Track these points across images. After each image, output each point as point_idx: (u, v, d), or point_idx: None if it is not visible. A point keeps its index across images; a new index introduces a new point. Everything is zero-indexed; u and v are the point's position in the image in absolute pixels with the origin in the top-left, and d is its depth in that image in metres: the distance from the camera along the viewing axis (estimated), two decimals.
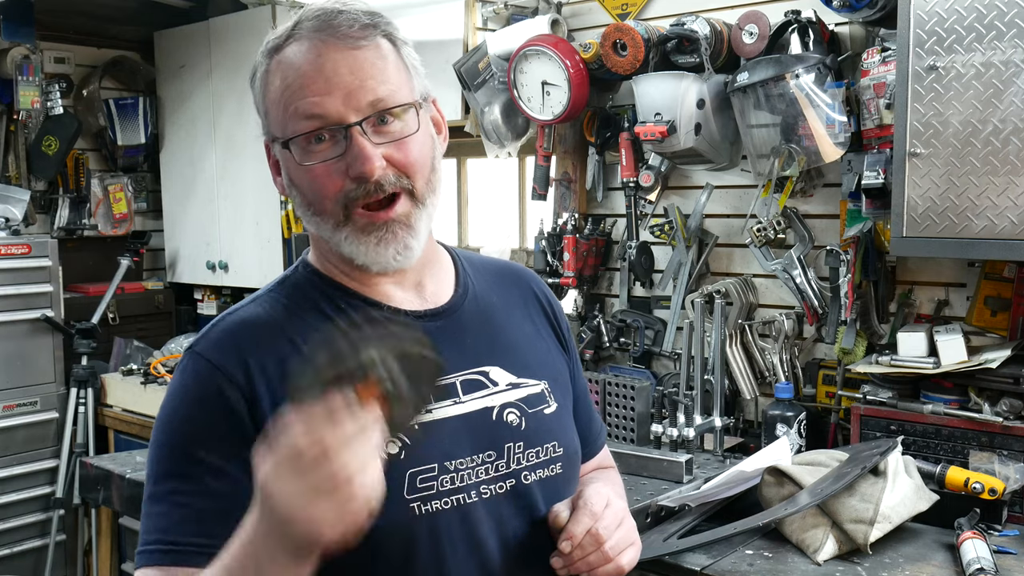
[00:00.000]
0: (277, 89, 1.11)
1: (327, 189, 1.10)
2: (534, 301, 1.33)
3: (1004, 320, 2.41)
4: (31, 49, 3.96)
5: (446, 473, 1.10)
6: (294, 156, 1.11)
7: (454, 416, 1.13)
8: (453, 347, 1.16)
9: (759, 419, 2.76)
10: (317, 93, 1.07)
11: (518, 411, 1.19)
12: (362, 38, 1.09)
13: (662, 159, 2.90)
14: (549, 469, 1.20)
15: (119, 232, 4.43)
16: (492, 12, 3.25)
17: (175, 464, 1.08)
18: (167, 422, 1.10)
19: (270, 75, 1.13)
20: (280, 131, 1.12)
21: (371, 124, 1.09)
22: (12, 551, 3.78)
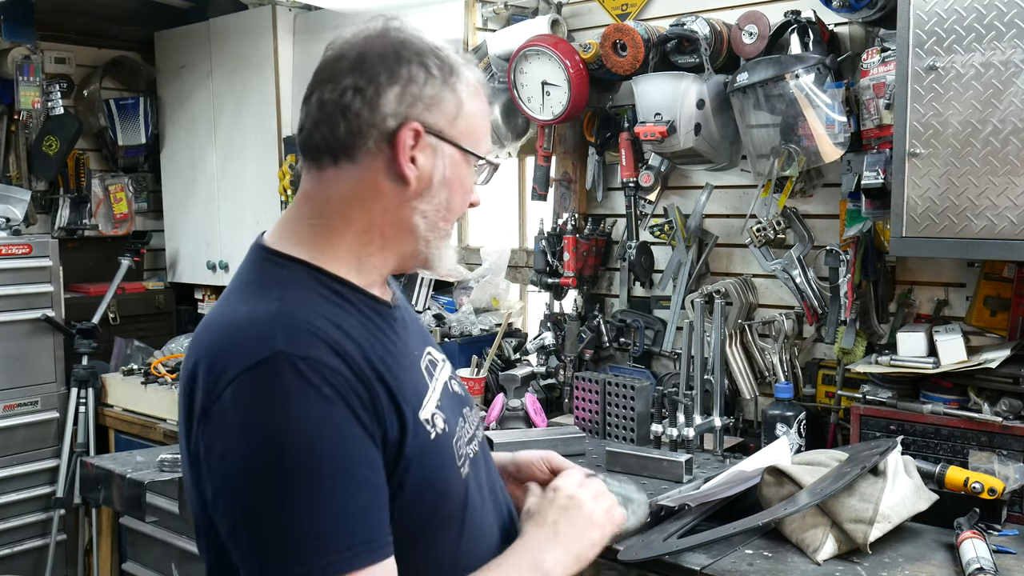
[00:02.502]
0: (478, 111, 1.22)
1: (466, 204, 1.26)
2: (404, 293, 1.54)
3: (1004, 320, 2.42)
4: (32, 49, 3.97)
5: (458, 439, 1.24)
6: (469, 169, 1.23)
7: (439, 392, 1.25)
8: (411, 333, 1.27)
9: (759, 419, 2.76)
10: (488, 138, 1.26)
11: (456, 381, 1.34)
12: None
13: (662, 159, 2.91)
14: (480, 422, 1.38)
15: (120, 232, 4.44)
16: (492, 12, 3.25)
17: (335, 468, 1.05)
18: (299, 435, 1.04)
19: (476, 91, 1.23)
20: (472, 142, 1.21)
21: None
22: (12, 551, 3.79)
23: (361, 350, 1.12)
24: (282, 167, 3.82)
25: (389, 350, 1.17)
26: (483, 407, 3.00)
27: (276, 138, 3.87)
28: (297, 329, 1.08)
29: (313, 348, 1.07)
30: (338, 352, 1.09)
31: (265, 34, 3.86)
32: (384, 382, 1.12)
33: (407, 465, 1.12)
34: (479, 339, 3.29)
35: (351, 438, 1.07)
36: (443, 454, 1.19)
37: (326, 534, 1.03)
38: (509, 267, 3.60)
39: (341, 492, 1.04)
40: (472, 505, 1.24)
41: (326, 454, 1.04)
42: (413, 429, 1.13)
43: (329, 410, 1.05)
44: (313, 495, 1.03)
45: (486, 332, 3.32)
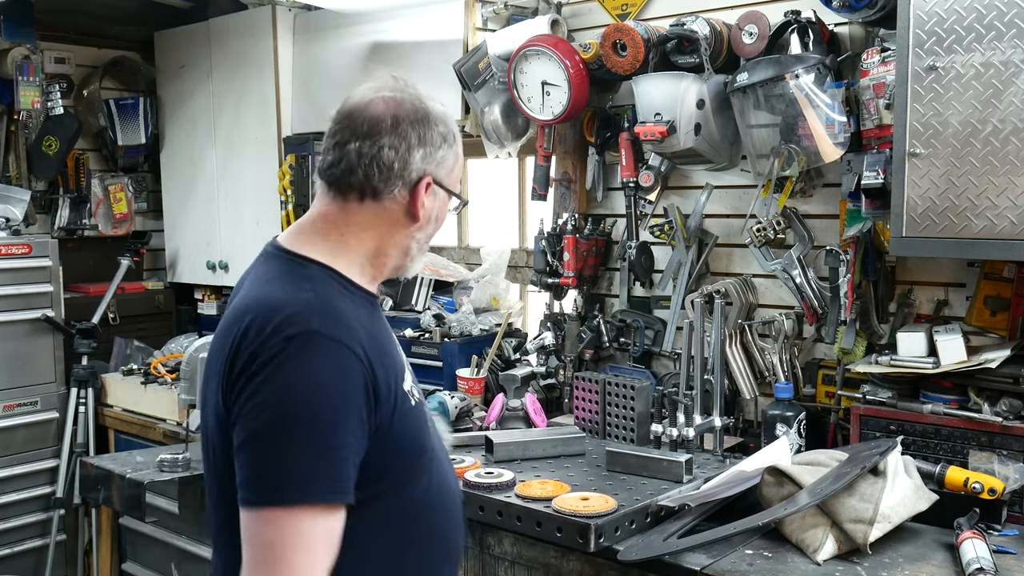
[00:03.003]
0: (459, 163, 1.61)
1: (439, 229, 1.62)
2: None
3: (1004, 320, 2.42)
4: (31, 49, 3.97)
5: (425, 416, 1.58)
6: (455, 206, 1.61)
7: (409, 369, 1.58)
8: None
9: (759, 419, 2.76)
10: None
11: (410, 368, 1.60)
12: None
13: (662, 159, 2.91)
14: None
15: (119, 232, 4.44)
16: (492, 12, 3.26)
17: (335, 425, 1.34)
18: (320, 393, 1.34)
19: (459, 148, 1.60)
20: (454, 184, 1.60)
21: None
22: (12, 551, 3.78)
23: (367, 336, 1.41)
24: (282, 167, 3.82)
25: (382, 334, 1.49)
26: (483, 407, 3.00)
27: (276, 138, 3.87)
28: (327, 316, 1.38)
29: (339, 333, 1.37)
30: (354, 336, 1.38)
31: (265, 34, 3.86)
32: (381, 362, 1.41)
33: (400, 421, 1.45)
34: (479, 339, 3.29)
35: (360, 404, 1.37)
36: (420, 418, 1.53)
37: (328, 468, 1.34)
38: (509, 267, 3.60)
39: (342, 443, 1.35)
40: (439, 458, 1.57)
41: (342, 412, 1.35)
42: (401, 397, 1.45)
43: (347, 381, 1.36)
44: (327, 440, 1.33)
45: (486, 332, 3.32)
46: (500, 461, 2.45)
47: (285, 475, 1.32)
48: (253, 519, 1.33)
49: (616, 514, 2.03)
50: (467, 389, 3.09)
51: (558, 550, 2.09)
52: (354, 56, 3.61)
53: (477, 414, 2.91)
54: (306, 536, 1.33)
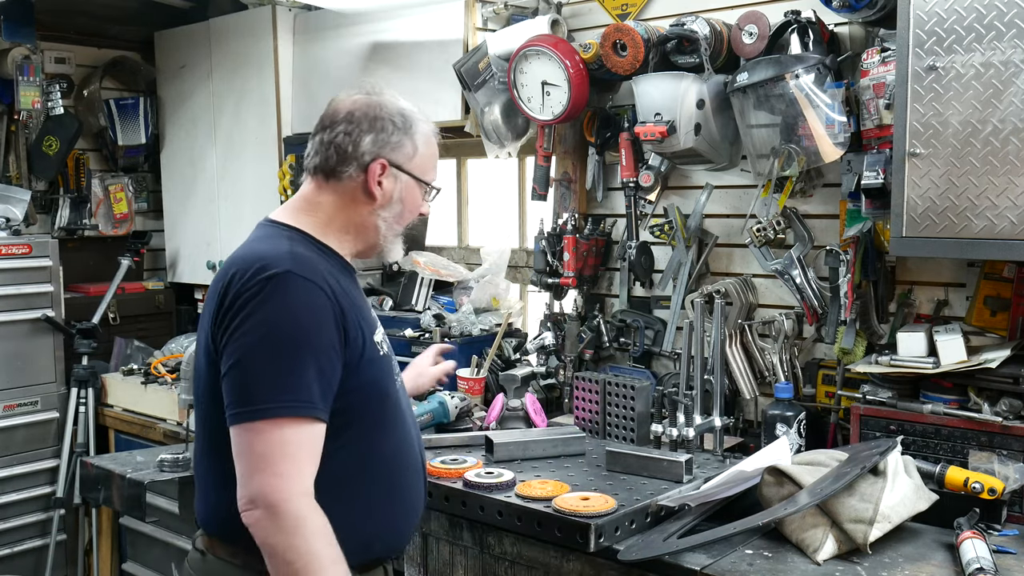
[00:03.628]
0: (431, 151, 1.82)
1: (415, 214, 1.84)
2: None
3: (1004, 320, 2.42)
4: (32, 49, 3.97)
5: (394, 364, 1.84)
6: (420, 191, 1.82)
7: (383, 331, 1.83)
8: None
9: (759, 419, 2.76)
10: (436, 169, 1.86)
11: (386, 336, 1.85)
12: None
13: (662, 159, 2.91)
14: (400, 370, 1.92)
15: (119, 232, 4.44)
16: (492, 12, 3.26)
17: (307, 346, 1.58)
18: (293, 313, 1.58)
19: (429, 139, 1.81)
20: (421, 173, 1.80)
21: None
22: (12, 551, 3.79)
23: (337, 285, 1.67)
24: (282, 167, 3.82)
25: (352, 291, 1.74)
26: (483, 407, 3.00)
27: (276, 138, 3.87)
28: (302, 262, 1.64)
29: (311, 275, 1.63)
30: (325, 281, 1.64)
31: (265, 34, 3.86)
32: (351, 309, 1.67)
33: (367, 366, 1.68)
34: (479, 339, 3.29)
35: (324, 334, 1.60)
36: (387, 367, 1.78)
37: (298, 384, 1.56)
38: (509, 267, 3.60)
39: (316, 365, 1.58)
40: (402, 410, 1.81)
41: (315, 337, 1.59)
42: (370, 343, 1.71)
43: (320, 312, 1.61)
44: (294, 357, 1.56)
45: (486, 332, 3.32)
46: (500, 461, 2.45)
47: (269, 391, 1.55)
48: (241, 433, 1.55)
49: (616, 514, 2.03)
50: (467, 389, 3.09)
51: (558, 550, 2.09)
52: (354, 56, 3.61)
53: (477, 414, 2.91)
54: (290, 445, 1.54)
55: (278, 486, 1.52)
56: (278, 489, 1.52)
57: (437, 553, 2.35)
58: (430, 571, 2.37)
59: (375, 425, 1.73)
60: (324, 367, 1.59)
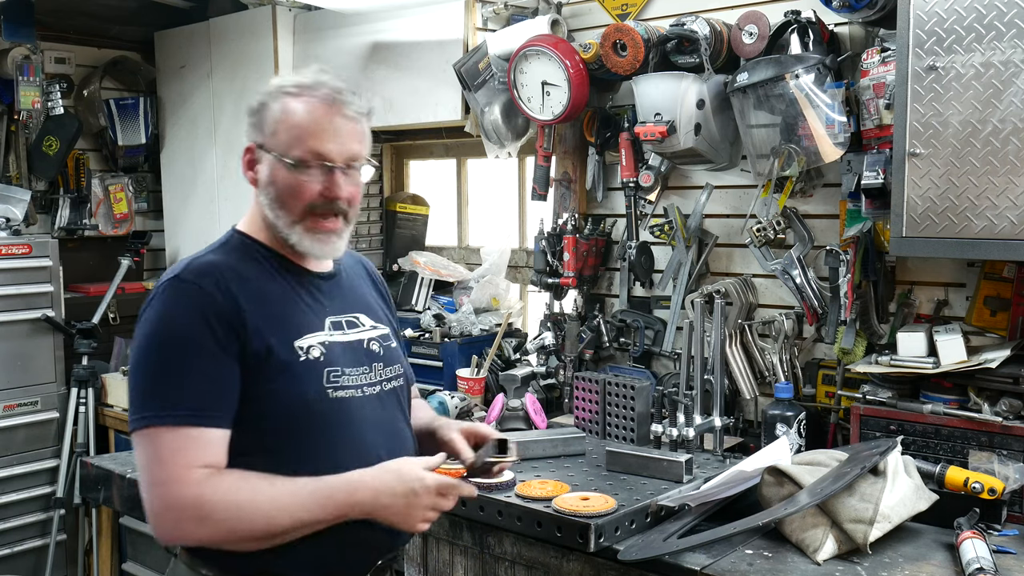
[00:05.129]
0: (294, 123, 1.64)
1: (301, 197, 1.65)
2: (372, 279, 1.96)
3: (1004, 320, 2.42)
4: (32, 49, 3.97)
5: (345, 375, 1.68)
6: (289, 168, 1.64)
7: (345, 342, 1.72)
8: (337, 299, 1.76)
9: (759, 419, 2.76)
10: (325, 141, 1.64)
11: (378, 343, 1.78)
12: (358, 117, 1.69)
13: (662, 159, 2.91)
14: (396, 382, 1.80)
15: (120, 232, 4.44)
16: (492, 12, 3.25)
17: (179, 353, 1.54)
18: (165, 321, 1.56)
19: (290, 110, 1.64)
20: (284, 149, 1.64)
21: (346, 168, 1.67)
22: (12, 551, 3.78)
23: (246, 284, 1.61)
24: None
25: (273, 292, 1.66)
26: (483, 407, 3.00)
27: None
28: (195, 267, 1.62)
29: (198, 278, 1.59)
30: (217, 282, 1.58)
31: (265, 34, 3.85)
32: (256, 306, 1.60)
33: (275, 373, 1.59)
34: (479, 339, 3.29)
35: (202, 339, 1.54)
36: (308, 373, 1.63)
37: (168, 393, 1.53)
38: (509, 267, 3.60)
39: (185, 368, 1.54)
40: (343, 424, 1.66)
41: (180, 340, 1.54)
42: (281, 348, 1.60)
43: (188, 319, 1.55)
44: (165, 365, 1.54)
45: (486, 332, 3.32)
46: None
47: (142, 402, 1.54)
48: (133, 443, 1.55)
49: (616, 514, 2.03)
50: (467, 389, 3.09)
51: (558, 550, 2.09)
52: (354, 56, 3.61)
53: (477, 414, 2.91)
54: (164, 451, 1.51)
55: (162, 493, 1.50)
56: (163, 496, 1.49)
57: (437, 553, 2.35)
58: (430, 571, 2.37)
59: (291, 443, 1.61)
60: (205, 370, 1.53)
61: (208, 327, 1.54)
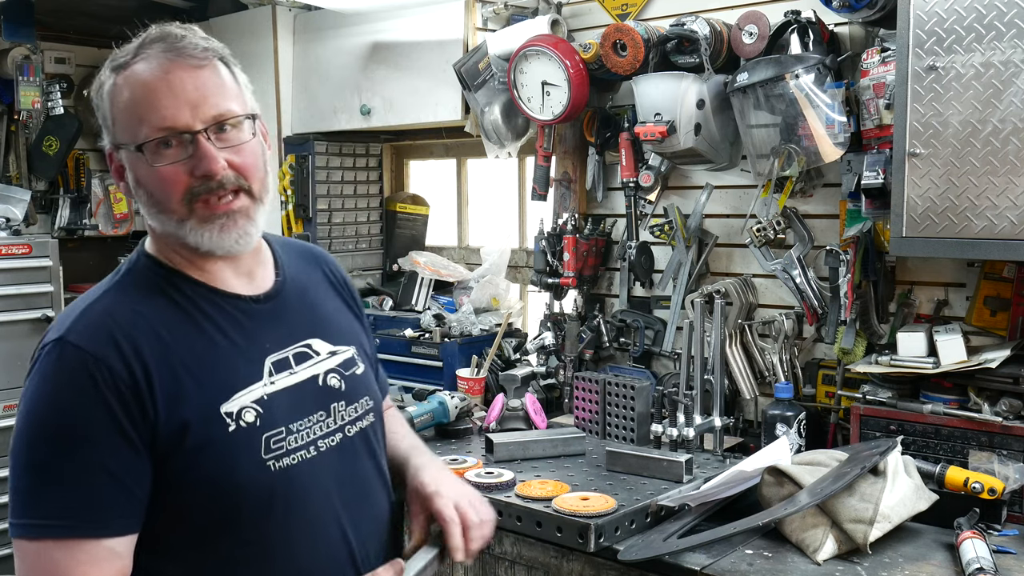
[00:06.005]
0: (126, 100, 1.28)
1: (174, 187, 1.27)
2: (330, 278, 1.56)
3: (1004, 320, 2.42)
4: (32, 49, 3.97)
5: (291, 434, 1.32)
6: (146, 159, 1.27)
7: (291, 386, 1.35)
8: (282, 325, 1.38)
9: (759, 419, 2.76)
10: (167, 106, 1.25)
11: (338, 375, 1.41)
12: (204, 59, 1.29)
13: (662, 159, 2.91)
14: (365, 420, 1.44)
15: (120, 232, 4.43)
16: (492, 12, 3.25)
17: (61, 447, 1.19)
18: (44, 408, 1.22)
19: (118, 88, 1.29)
20: (130, 137, 1.28)
21: (213, 132, 1.28)
22: None
23: (150, 345, 1.24)
24: (282, 167, 3.82)
25: (194, 345, 1.28)
26: (483, 407, 3.00)
27: (276, 138, 3.86)
28: (90, 325, 1.25)
29: (93, 340, 1.23)
30: (118, 347, 1.22)
31: (265, 34, 3.85)
32: (162, 379, 1.23)
33: (193, 452, 1.23)
34: (479, 339, 3.29)
35: (94, 427, 1.19)
36: (239, 446, 1.27)
37: (50, 498, 1.19)
38: (509, 267, 3.60)
39: (68, 466, 1.19)
40: (294, 502, 1.30)
41: (61, 431, 1.19)
42: (197, 423, 1.24)
43: (80, 399, 1.20)
44: (46, 464, 1.19)
45: (486, 332, 3.32)
46: (500, 461, 2.45)
47: (23, 505, 1.21)
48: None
49: (616, 514, 2.03)
50: (467, 389, 3.09)
51: (558, 550, 2.09)
52: (354, 56, 3.61)
53: (477, 414, 2.91)
54: (47, 571, 1.19)
55: None
56: None
57: None
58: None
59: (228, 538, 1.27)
60: (99, 466, 1.20)
61: (103, 409, 1.20)
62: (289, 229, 3.82)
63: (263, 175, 1.35)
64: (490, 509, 1.47)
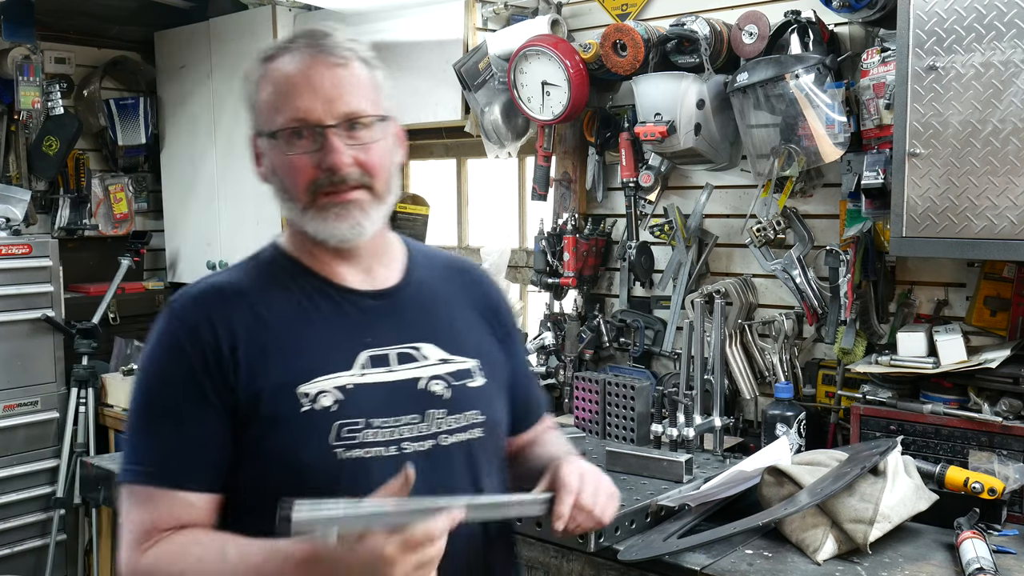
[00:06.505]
0: (269, 91, 1.35)
1: (301, 176, 1.33)
2: (475, 295, 1.54)
3: (1003, 320, 2.42)
4: (32, 49, 3.97)
5: (371, 428, 1.32)
6: (279, 146, 1.34)
7: (385, 382, 1.36)
8: (392, 324, 1.40)
9: (759, 419, 2.76)
10: (303, 98, 1.32)
11: (444, 383, 1.40)
12: (344, 59, 1.35)
13: (662, 159, 2.91)
14: (468, 433, 1.41)
15: (120, 232, 4.44)
16: (492, 12, 3.25)
17: (158, 404, 1.32)
18: (146, 367, 1.35)
19: (263, 79, 1.36)
20: (268, 126, 1.35)
21: (344, 129, 1.32)
22: (12, 551, 3.78)
23: (248, 321, 1.33)
24: None
25: (292, 328, 1.34)
26: None
27: None
28: (197, 295, 1.37)
29: (191, 311, 1.34)
30: (211, 317, 1.32)
31: (265, 34, 3.85)
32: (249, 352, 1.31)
33: (265, 425, 1.29)
34: None
35: (177, 388, 1.30)
36: (310, 427, 1.30)
37: (142, 448, 1.32)
38: (509, 267, 3.60)
39: (157, 422, 1.32)
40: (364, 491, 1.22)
41: (155, 390, 1.33)
42: (271, 396, 1.30)
43: (168, 361, 1.32)
44: (142, 418, 1.34)
45: None
46: None
47: (125, 451, 1.35)
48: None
49: (616, 514, 2.03)
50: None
51: (558, 550, 2.09)
52: None
53: None
54: (130, 514, 1.31)
55: (119, 559, 1.31)
56: (119, 562, 1.31)
57: None
58: None
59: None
60: (179, 424, 1.30)
61: (188, 374, 1.30)
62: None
63: (388, 175, 1.38)
64: (613, 509, 1.42)
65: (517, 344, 1.59)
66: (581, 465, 1.41)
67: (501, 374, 1.49)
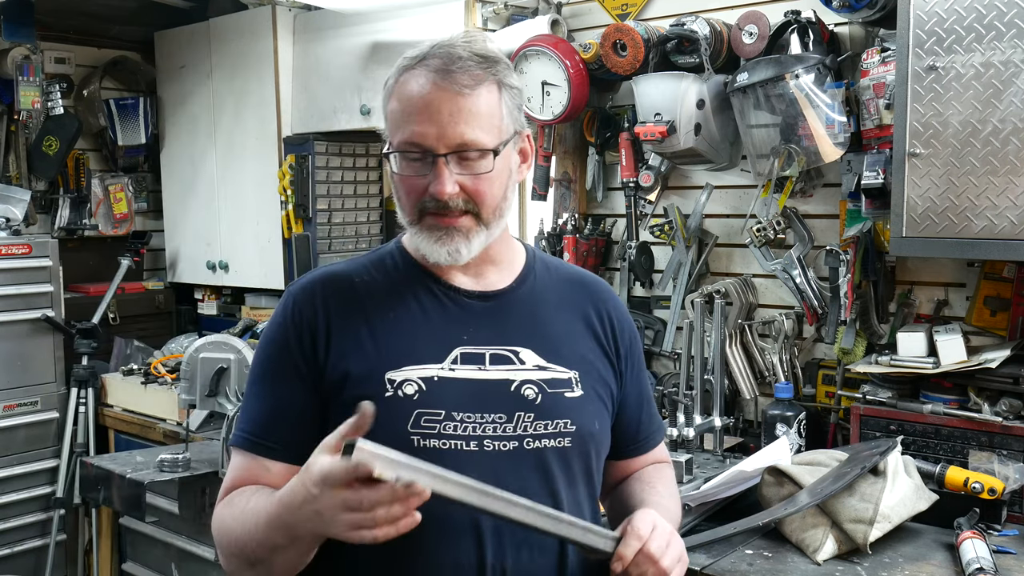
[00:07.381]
0: (395, 106, 1.38)
1: (410, 195, 1.37)
2: (591, 310, 1.52)
3: (1003, 320, 2.42)
4: (32, 49, 3.97)
5: (452, 420, 1.34)
6: (396, 161, 1.38)
7: (474, 379, 1.37)
8: (492, 325, 1.42)
9: (759, 419, 2.76)
10: (420, 123, 1.33)
11: (536, 388, 1.40)
12: (469, 86, 1.34)
13: (662, 159, 2.91)
14: (557, 441, 1.39)
15: (119, 232, 4.44)
16: (492, 12, 3.25)
17: (259, 373, 1.43)
18: (260, 341, 1.46)
19: (395, 92, 1.38)
20: (391, 138, 1.39)
21: (454, 158, 1.34)
22: (12, 551, 3.78)
23: (351, 306, 1.40)
24: (282, 167, 3.82)
25: (392, 317, 1.40)
26: None
27: (276, 138, 3.86)
28: (312, 279, 1.45)
29: (301, 293, 1.42)
30: (316, 299, 1.40)
31: (265, 34, 3.86)
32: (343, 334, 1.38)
33: (349, 405, 1.24)
34: None
35: (275, 360, 1.40)
36: (390, 413, 1.31)
37: (242, 412, 1.42)
38: None
39: (260, 391, 1.41)
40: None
41: (258, 362, 1.43)
42: (358, 378, 1.35)
43: (278, 334, 1.41)
44: (248, 386, 1.44)
45: None
46: None
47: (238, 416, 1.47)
48: None
49: None
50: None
51: None
52: (354, 56, 3.61)
53: None
54: (228, 470, 1.42)
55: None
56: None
57: None
58: None
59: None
60: (270, 395, 1.39)
61: (287, 347, 1.38)
62: (289, 229, 3.82)
63: (496, 203, 1.41)
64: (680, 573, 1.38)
65: (635, 368, 1.57)
66: (657, 518, 1.37)
67: (604, 390, 1.48)
